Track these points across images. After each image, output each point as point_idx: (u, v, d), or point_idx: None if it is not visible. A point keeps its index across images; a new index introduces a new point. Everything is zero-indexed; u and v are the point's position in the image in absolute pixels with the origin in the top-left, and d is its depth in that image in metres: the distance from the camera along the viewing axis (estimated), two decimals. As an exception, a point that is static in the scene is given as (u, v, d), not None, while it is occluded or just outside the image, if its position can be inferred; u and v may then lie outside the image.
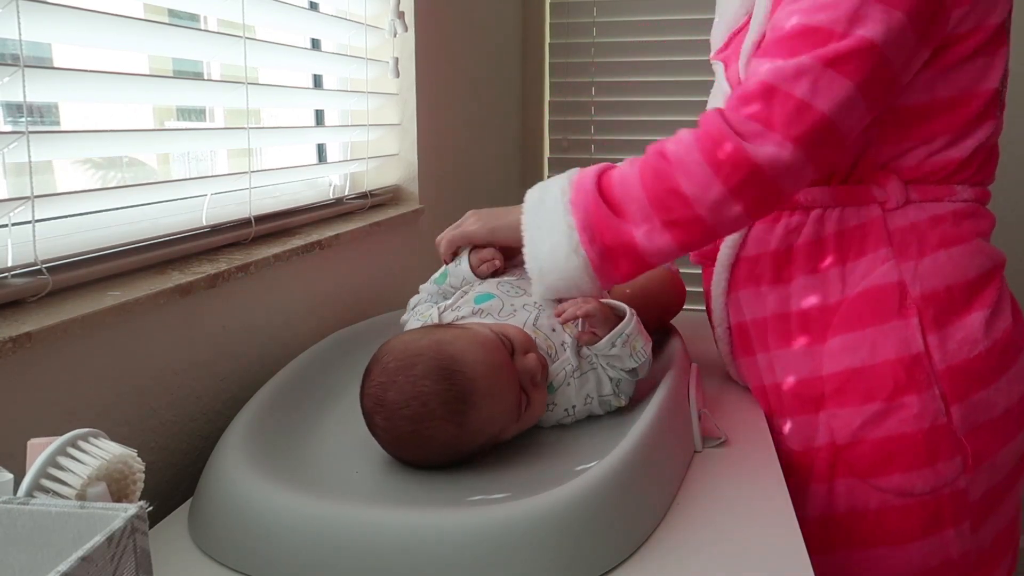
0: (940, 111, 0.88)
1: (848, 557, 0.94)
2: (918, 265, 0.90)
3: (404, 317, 0.99)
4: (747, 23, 0.96)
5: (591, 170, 0.90)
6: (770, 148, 0.80)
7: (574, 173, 0.91)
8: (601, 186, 0.88)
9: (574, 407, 0.86)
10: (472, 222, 1.01)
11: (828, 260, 0.93)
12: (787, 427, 0.97)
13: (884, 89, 0.82)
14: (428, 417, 0.74)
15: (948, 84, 0.87)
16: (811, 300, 0.94)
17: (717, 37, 1.05)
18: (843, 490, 0.93)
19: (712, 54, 1.05)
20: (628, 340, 0.86)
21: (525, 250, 0.91)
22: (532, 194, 0.93)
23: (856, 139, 0.86)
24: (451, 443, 0.76)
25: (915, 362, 0.88)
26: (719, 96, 0.97)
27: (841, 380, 0.91)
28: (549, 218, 0.89)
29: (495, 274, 0.98)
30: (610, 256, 0.87)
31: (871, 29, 0.78)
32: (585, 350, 0.87)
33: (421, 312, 0.95)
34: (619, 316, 0.88)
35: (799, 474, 0.95)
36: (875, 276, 0.90)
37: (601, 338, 0.86)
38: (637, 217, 0.85)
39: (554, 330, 0.88)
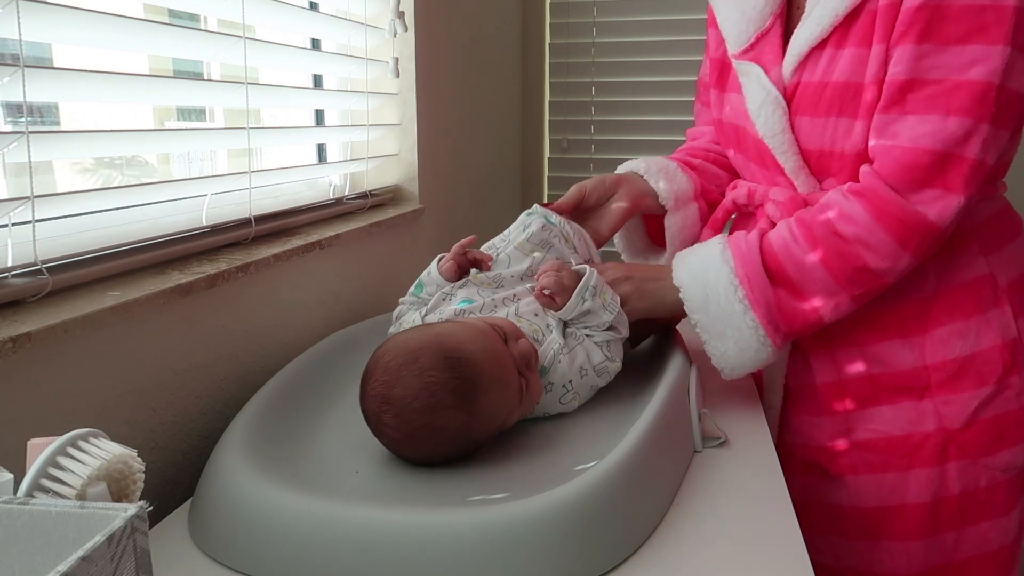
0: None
1: (958, 536, 0.98)
2: (1000, 257, 0.96)
3: (391, 329, 0.98)
4: (773, 25, 0.97)
5: (751, 254, 0.90)
6: (948, 208, 0.85)
7: (729, 256, 0.91)
8: (771, 272, 0.90)
9: (571, 381, 0.87)
10: (622, 286, 0.95)
11: None
12: (882, 415, 0.99)
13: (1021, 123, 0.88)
14: (439, 407, 0.75)
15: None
16: (906, 294, 0.95)
17: (737, 33, 1.01)
18: (956, 473, 0.96)
19: (735, 51, 1.01)
20: (596, 292, 0.89)
21: (706, 347, 0.93)
22: (692, 290, 0.92)
23: None
24: (463, 432, 0.77)
25: (1015, 345, 0.95)
26: (769, 102, 0.95)
27: (952, 368, 0.95)
28: (726, 318, 0.90)
29: (465, 273, 0.97)
30: (797, 334, 0.93)
31: (1018, 80, 0.83)
32: (569, 328, 0.90)
33: (404, 322, 0.95)
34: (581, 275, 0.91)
35: (904, 459, 0.98)
36: (968, 269, 0.95)
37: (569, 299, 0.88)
38: (823, 295, 0.89)
39: (536, 315, 0.90)
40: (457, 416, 0.75)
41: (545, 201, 1.24)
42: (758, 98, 0.97)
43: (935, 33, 0.84)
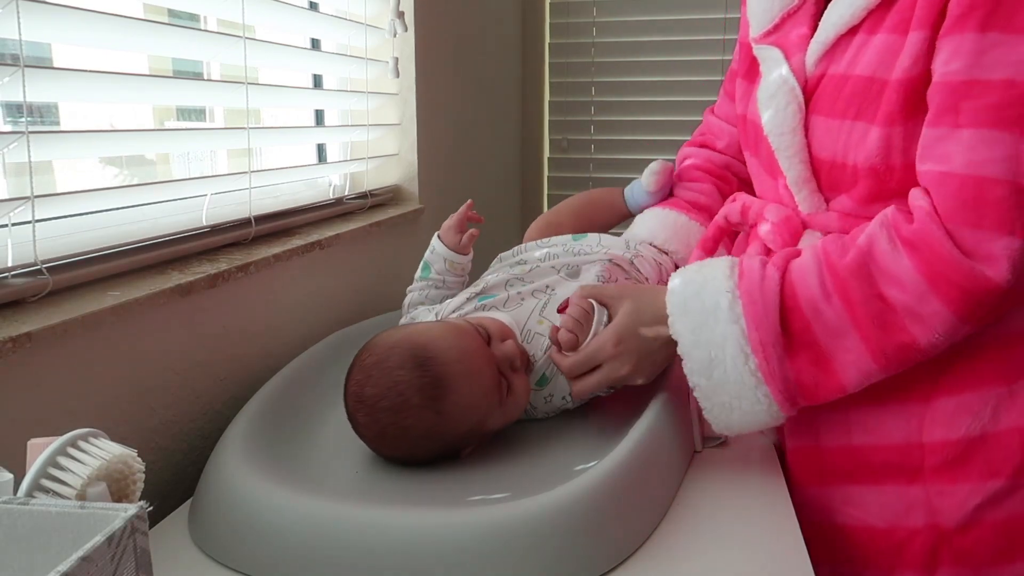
0: None
1: None
2: None
3: (402, 321, 0.99)
4: (804, 3, 0.83)
5: (768, 312, 0.72)
6: (1015, 257, 0.66)
7: (740, 314, 0.73)
8: (793, 332, 0.72)
9: (571, 394, 0.85)
10: (628, 366, 0.80)
11: None
12: (863, 498, 0.81)
13: None
14: (405, 407, 0.75)
15: None
16: None
17: (762, 14, 0.86)
18: None
19: (756, 35, 0.86)
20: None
21: (707, 414, 0.78)
22: (694, 351, 0.75)
23: None
24: (432, 432, 0.76)
25: None
26: (783, 92, 0.80)
27: (954, 450, 0.75)
28: (733, 389, 0.74)
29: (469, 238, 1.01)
30: (815, 405, 0.76)
31: None
32: None
33: (418, 319, 0.96)
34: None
35: (884, 558, 0.80)
36: (999, 325, 0.73)
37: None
38: (854, 369, 0.72)
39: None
40: (424, 415, 0.75)
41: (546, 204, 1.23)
42: (771, 87, 0.81)
43: (1006, 19, 0.64)
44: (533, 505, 0.65)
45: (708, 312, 0.75)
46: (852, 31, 0.76)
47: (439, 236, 1.03)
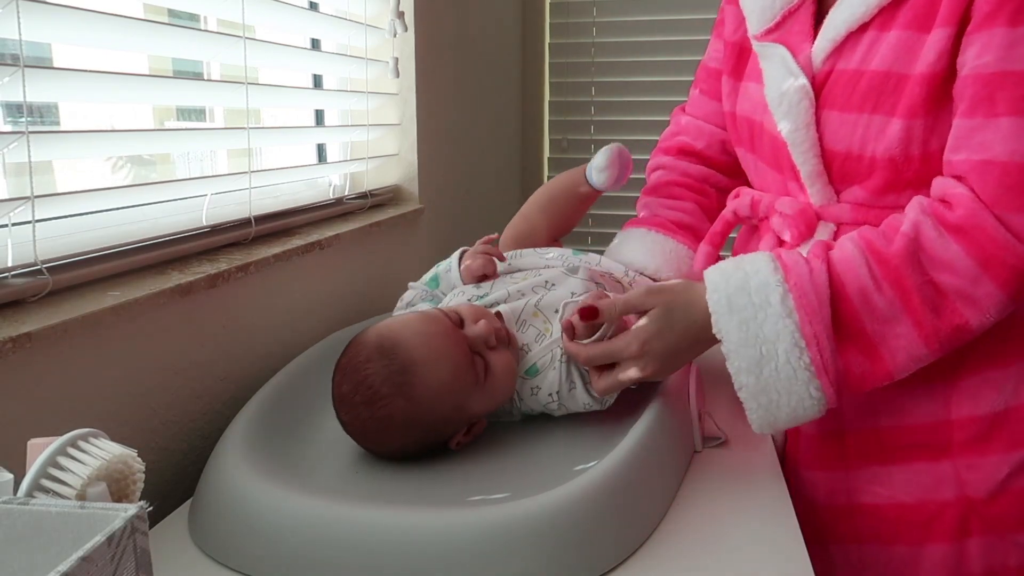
0: None
1: None
2: None
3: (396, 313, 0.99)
4: (803, 2, 0.84)
5: (821, 303, 0.72)
6: None
7: (792, 307, 0.72)
8: (842, 323, 0.72)
9: (558, 392, 0.84)
10: (648, 371, 0.77)
11: None
12: (891, 476, 0.83)
13: None
14: (376, 398, 0.76)
15: None
16: None
17: (760, 9, 0.87)
18: (979, 550, 0.81)
19: (757, 31, 0.87)
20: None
21: (751, 413, 0.75)
22: (742, 354, 0.73)
23: None
24: (410, 420, 0.77)
25: None
26: (795, 89, 0.81)
27: (980, 425, 0.79)
28: (784, 385, 0.72)
29: (484, 278, 0.97)
30: (862, 394, 0.77)
31: None
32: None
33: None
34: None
35: (915, 531, 0.83)
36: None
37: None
38: (904, 356, 0.72)
39: (556, 311, 0.86)
40: (396, 404, 0.76)
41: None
42: (781, 85, 0.82)
43: None
44: (533, 505, 0.65)
45: (758, 308, 0.73)
46: (862, 28, 0.78)
47: (461, 269, 0.98)
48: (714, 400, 0.99)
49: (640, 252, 1.04)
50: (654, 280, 1.02)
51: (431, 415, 0.77)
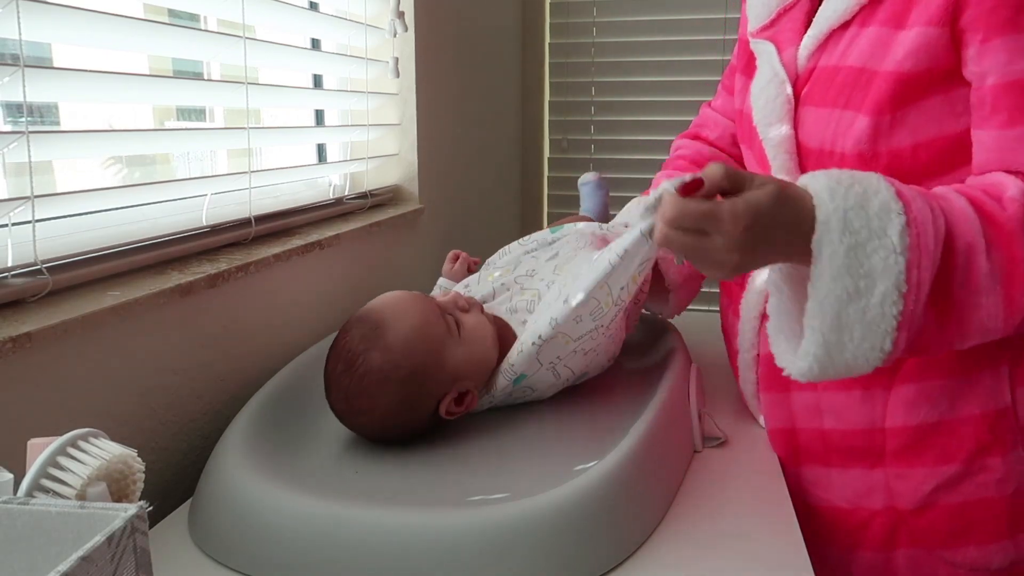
0: None
1: None
2: None
3: None
4: (798, 1, 0.85)
5: (929, 247, 0.63)
6: None
7: (907, 245, 0.63)
8: (940, 279, 0.65)
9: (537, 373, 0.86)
10: (734, 255, 0.63)
11: None
12: (830, 480, 0.85)
13: None
14: (353, 357, 0.79)
15: None
16: None
17: (759, 9, 0.88)
18: (905, 562, 0.82)
19: (754, 29, 0.88)
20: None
21: (808, 353, 0.66)
22: (836, 284, 0.63)
23: None
24: (388, 371, 0.79)
25: (1000, 417, 0.76)
26: (773, 84, 0.82)
27: (911, 436, 0.79)
28: (863, 330, 0.64)
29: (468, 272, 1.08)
30: (912, 357, 0.74)
31: None
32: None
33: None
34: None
35: (846, 538, 0.85)
36: None
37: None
38: (971, 327, 0.67)
39: (543, 279, 0.93)
40: (372, 357, 0.79)
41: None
42: (763, 80, 0.83)
43: None
44: (533, 505, 0.65)
45: (873, 234, 0.63)
46: (844, 25, 0.78)
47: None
48: (714, 400, 0.99)
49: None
50: None
51: (407, 363, 0.79)
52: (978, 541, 0.79)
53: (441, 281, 1.11)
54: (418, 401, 0.81)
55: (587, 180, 1.28)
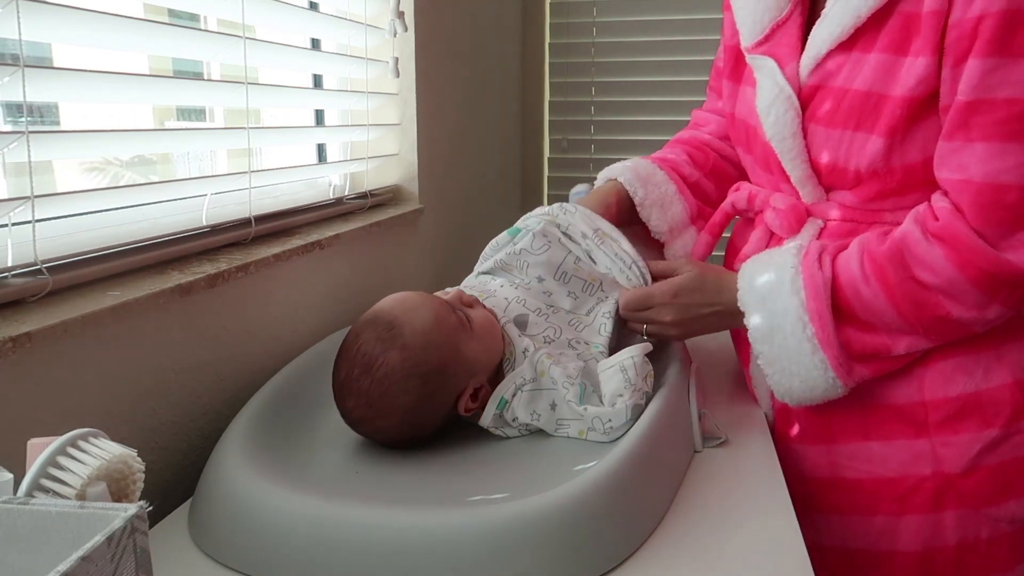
0: None
1: None
2: None
3: None
4: (791, 14, 0.89)
5: (824, 287, 0.82)
6: None
7: (800, 287, 0.83)
8: (840, 308, 0.82)
9: (526, 424, 0.84)
10: (674, 323, 0.92)
11: None
12: (872, 453, 0.89)
13: None
14: (372, 360, 0.79)
15: None
16: None
17: (752, 25, 0.92)
18: (953, 522, 0.87)
19: (749, 44, 0.92)
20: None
21: (770, 380, 0.87)
22: (758, 319, 0.85)
23: None
24: (411, 369, 0.78)
25: None
26: (780, 100, 0.87)
27: (952, 407, 0.85)
28: (793, 354, 0.83)
29: None
30: (871, 375, 0.85)
31: None
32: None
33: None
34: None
35: (894, 504, 0.89)
36: None
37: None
38: (898, 336, 0.82)
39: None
40: (392, 357, 0.78)
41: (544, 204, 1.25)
42: (769, 95, 0.88)
43: (1004, 44, 0.72)
44: (533, 505, 0.65)
45: (773, 287, 0.84)
46: (846, 47, 0.83)
47: None
48: (714, 400, 0.99)
49: (613, 166, 1.08)
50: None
51: (428, 359, 0.79)
52: (1017, 495, 0.86)
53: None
54: (439, 398, 0.81)
55: (579, 191, 1.26)
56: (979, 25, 0.73)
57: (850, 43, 0.82)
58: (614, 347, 0.90)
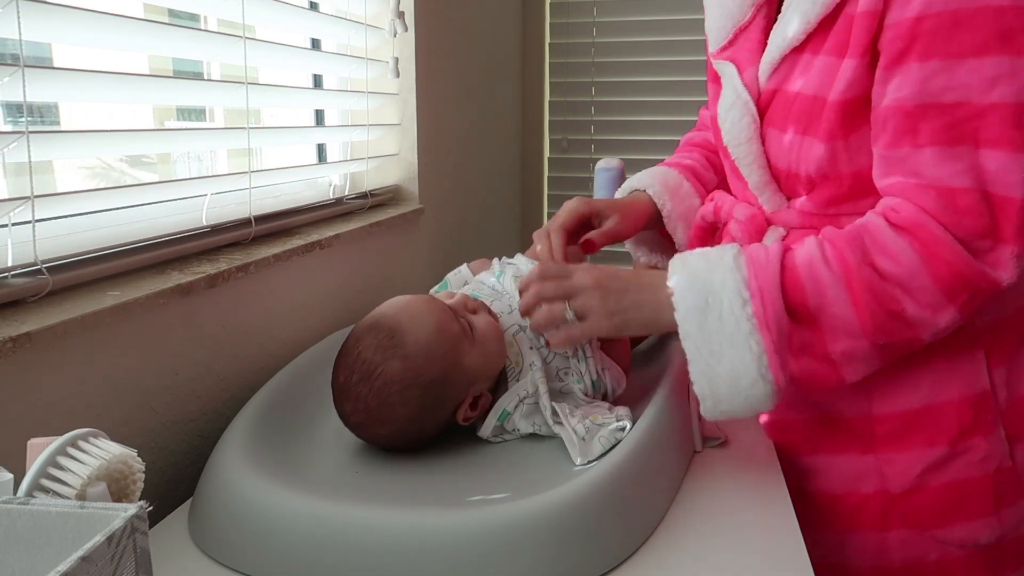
0: None
1: None
2: None
3: None
4: (754, 18, 0.87)
5: (770, 264, 0.75)
6: (1002, 260, 0.71)
7: (743, 263, 0.75)
8: (787, 290, 0.74)
9: (517, 429, 0.84)
10: (590, 298, 0.79)
11: None
12: (824, 467, 0.88)
13: None
14: (372, 368, 0.78)
15: None
16: None
17: (717, 31, 0.91)
18: (898, 543, 0.84)
19: (713, 51, 0.91)
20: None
21: (691, 368, 0.75)
22: (687, 297, 0.74)
23: None
24: (410, 380, 0.77)
25: (981, 400, 0.80)
26: (737, 106, 0.85)
27: (899, 421, 0.82)
28: (727, 336, 0.73)
29: None
30: (803, 380, 0.76)
31: None
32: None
33: None
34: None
35: (840, 521, 0.87)
36: None
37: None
38: (842, 334, 0.74)
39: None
40: (392, 366, 0.77)
41: (545, 208, 1.23)
42: (727, 101, 0.86)
43: (943, 46, 0.69)
44: (533, 505, 0.65)
45: (711, 261, 0.76)
46: (797, 50, 0.80)
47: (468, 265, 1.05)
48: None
49: (640, 175, 1.07)
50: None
51: (428, 370, 0.78)
52: (965, 518, 0.82)
53: (450, 276, 1.04)
54: (438, 407, 0.80)
55: (609, 167, 1.18)
56: (918, 26, 0.70)
57: (802, 47, 0.80)
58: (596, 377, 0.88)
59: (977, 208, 0.70)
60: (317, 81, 1.30)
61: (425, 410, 0.79)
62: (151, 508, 0.43)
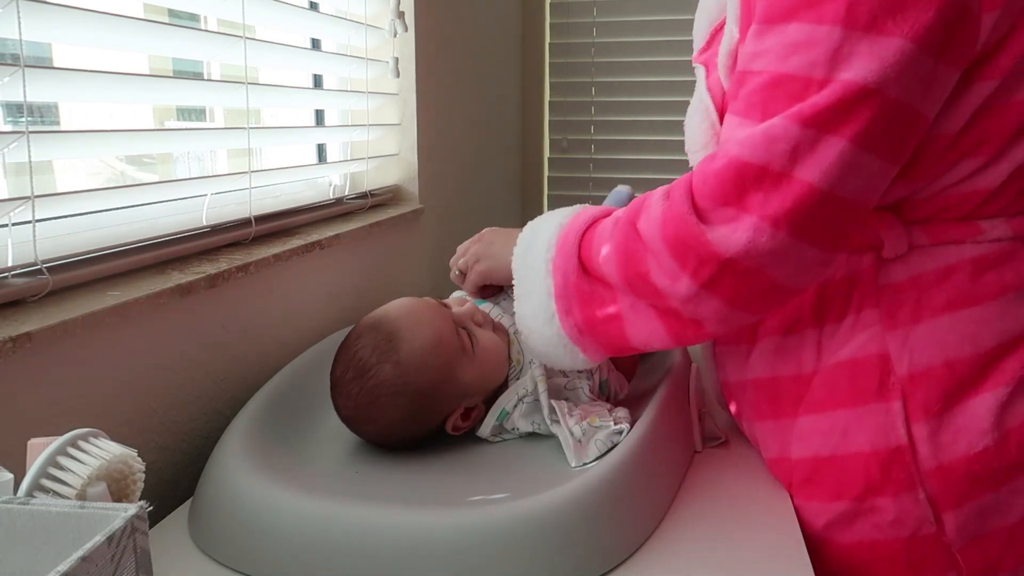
0: (968, 134, 0.69)
1: None
2: (911, 333, 0.71)
3: None
4: (724, 21, 0.81)
5: (582, 219, 0.79)
6: (742, 235, 0.64)
7: (569, 216, 0.80)
8: (582, 247, 0.77)
9: (517, 428, 0.84)
10: (475, 253, 0.92)
11: (804, 320, 0.76)
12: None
13: (900, 134, 0.64)
14: (365, 368, 0.78)
15: (978, 100, 0.67)
16: (784, 367, 0.78)
17: (699, 34, 0.87)
18: None
19: (695, 54, 0.88)
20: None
21: (516, 302, 0.83)
22: (525, 234, 0.83)
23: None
24: (400, 386, 0.78)
25: (893, 457, 0.71)
26: (699, 110, 0.81)
27: (809, 468, 0.76)
28: (531, 276, 0.80)
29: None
30: (588, 330, 0.77)
31: (859, 70, 0.61)
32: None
33: None
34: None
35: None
36: (855, 345, 0.74)
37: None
38: (613, 290, 0.75)
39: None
40: (384, 370, 0.78)
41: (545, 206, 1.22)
42: (692, 106, 0.83)
43: (765, 10, 0.66)
44: (533, 505, 0.65)
45: (559, 211, 0.83)
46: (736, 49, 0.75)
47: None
48: (714, 400, 0.99)
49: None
50: None
51: (419, 380, 0.78)
52: None
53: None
54: (426, 416, 0.80)
55: (621, 192, 1.22)
56: None
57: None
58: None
59: (739, 180, 0.65)
60: (317, 81, 1.30)
61: (413, 417, 0.79)
62: (151, 508, 0.43)
